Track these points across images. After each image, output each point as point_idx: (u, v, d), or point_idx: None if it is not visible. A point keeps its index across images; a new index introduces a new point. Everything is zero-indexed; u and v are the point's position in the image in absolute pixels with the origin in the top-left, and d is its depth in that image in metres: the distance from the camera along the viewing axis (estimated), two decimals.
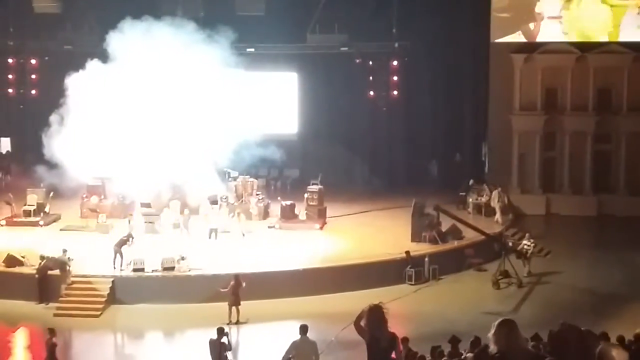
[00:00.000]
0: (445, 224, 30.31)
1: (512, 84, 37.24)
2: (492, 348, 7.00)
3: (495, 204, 33.80)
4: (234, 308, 23.29)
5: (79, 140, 29.58)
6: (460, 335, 17.04)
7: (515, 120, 37.38)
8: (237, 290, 23.41)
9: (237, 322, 23.17)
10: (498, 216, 33.31)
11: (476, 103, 39.41)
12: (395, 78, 39.46)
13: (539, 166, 37.43)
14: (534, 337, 15.70)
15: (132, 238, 26.80)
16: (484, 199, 34.54)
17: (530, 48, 36.95)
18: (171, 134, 30.07)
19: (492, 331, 7.02)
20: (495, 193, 33.98)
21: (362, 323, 8.75)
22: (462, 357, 14.95)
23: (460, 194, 35.40)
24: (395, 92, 39.59)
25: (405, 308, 25.02)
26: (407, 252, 27.45)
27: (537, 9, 36.49)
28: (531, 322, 22.27)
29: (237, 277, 23.70)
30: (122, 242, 26.10)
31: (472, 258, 28.96)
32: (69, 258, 25.14)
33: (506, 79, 37.30)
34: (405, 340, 17.37)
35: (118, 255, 25.77)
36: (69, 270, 24.98)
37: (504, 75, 37.30)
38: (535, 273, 28.02)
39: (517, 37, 37.02)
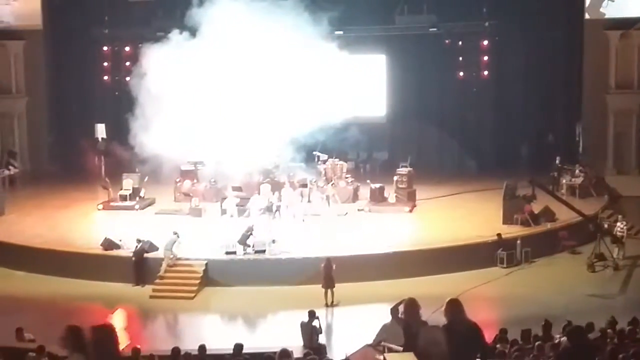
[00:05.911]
0: (538, 205, 29.81)
1: (607, 62, 36.30)
2: (443, 320, 8.62)
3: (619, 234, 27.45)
4: (328, 290, 23.57)
5: (172, 126, 30.09)
6: (554, 318, 16.76)
7: (610, 99, 36.43)
8: (329, 272, 23.67)
9: (331, 304, 23.43)
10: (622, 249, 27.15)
11: (570, 82, 38.48)
12: (485, 58, 38.83)
13: (636, 146, 36.45)
14: (632, 321, 15.24)
15: (252, 231, 26.46)
16: (578, 181, 33.74)
17: (626, 24, 35.90)
18: (262, 118, 30.31)
19: (443, 307, 8.61)
20: (620, 224, 27.83)
21: (400, 310, 10.35)
22: (556, 341, 14.70)
23: (551, 174, 34.64)
24: (486, 73, 38.95)
25: (497, 291, 24.77)
26: (499, 235, 27.10)
27: None
28: (628, 305, 21.84)
29: (329, 260, 23.97)
30: (245, 237, 26.12)
31: (565, 240, 28.36)
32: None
33: (601, 57, 36.36)
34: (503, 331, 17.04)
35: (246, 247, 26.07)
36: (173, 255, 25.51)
37: (599, 53, 36.36)
38: (632, 256, 27.27)
39: (613, 13, 36.03)
